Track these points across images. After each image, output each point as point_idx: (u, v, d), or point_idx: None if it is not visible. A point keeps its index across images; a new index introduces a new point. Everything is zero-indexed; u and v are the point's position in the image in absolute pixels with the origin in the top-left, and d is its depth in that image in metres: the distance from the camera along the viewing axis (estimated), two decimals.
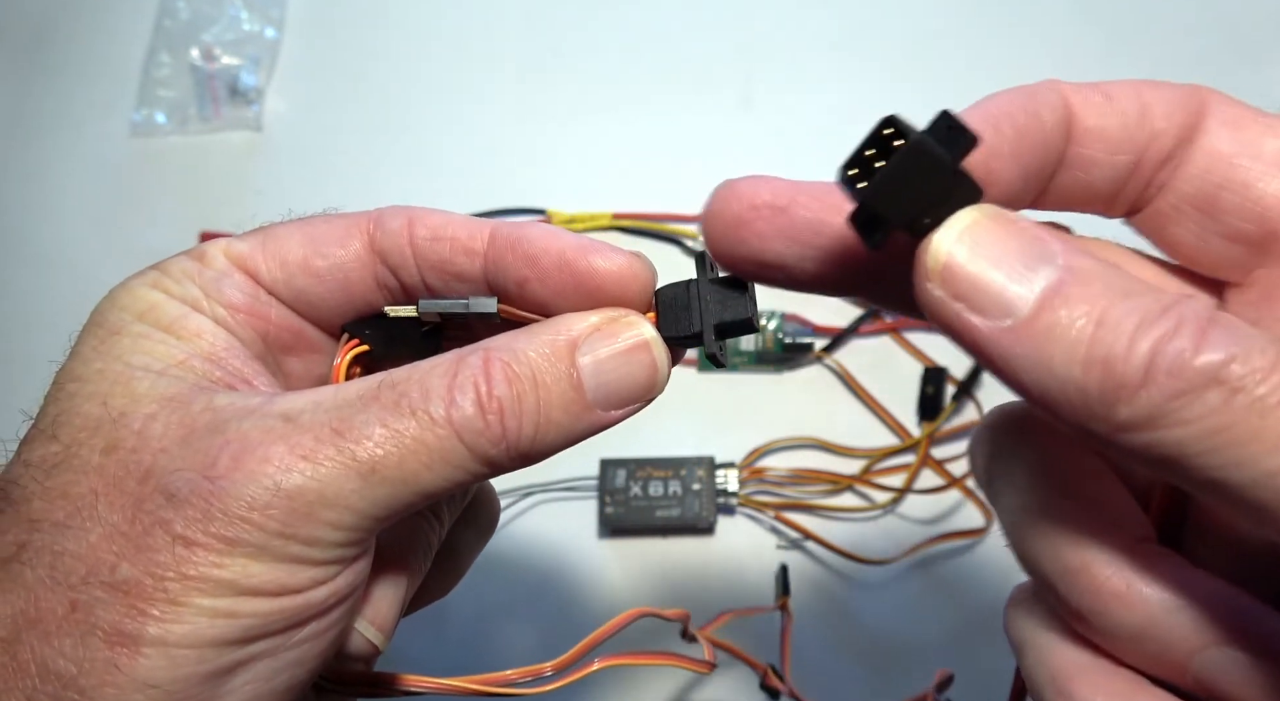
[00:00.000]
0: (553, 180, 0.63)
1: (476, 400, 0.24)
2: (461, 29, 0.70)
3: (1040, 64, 0.66)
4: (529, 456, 0.25)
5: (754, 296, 0.26)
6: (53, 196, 0.66)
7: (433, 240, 0.27)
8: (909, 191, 0.20)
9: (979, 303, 0.19)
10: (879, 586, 0.53)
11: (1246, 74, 0.65)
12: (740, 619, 0.48)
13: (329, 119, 0.67)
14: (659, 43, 0.68)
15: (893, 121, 0.20)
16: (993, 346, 0.19)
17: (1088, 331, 0.18)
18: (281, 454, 0.23)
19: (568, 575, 0.54)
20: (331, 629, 0.25)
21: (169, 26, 0.70)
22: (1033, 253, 0.19)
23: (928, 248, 0.20)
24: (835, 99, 0.66)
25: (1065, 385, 0.18)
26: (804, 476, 0.54)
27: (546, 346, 0.25)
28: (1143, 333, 0.18)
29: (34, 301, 0.63)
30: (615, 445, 0.55)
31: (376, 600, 0.27)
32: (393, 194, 0.66)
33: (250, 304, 0.27)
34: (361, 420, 0.23)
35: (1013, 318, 0.19)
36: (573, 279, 0.25)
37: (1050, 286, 0.19)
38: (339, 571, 0.24)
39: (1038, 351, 0.19)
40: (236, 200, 0.65)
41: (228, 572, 0.22)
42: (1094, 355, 0.18)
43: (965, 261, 0.19)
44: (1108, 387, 0.18)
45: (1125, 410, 0.18)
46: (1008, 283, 0.19)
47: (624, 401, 0.25)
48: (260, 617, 0.23)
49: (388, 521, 0.24)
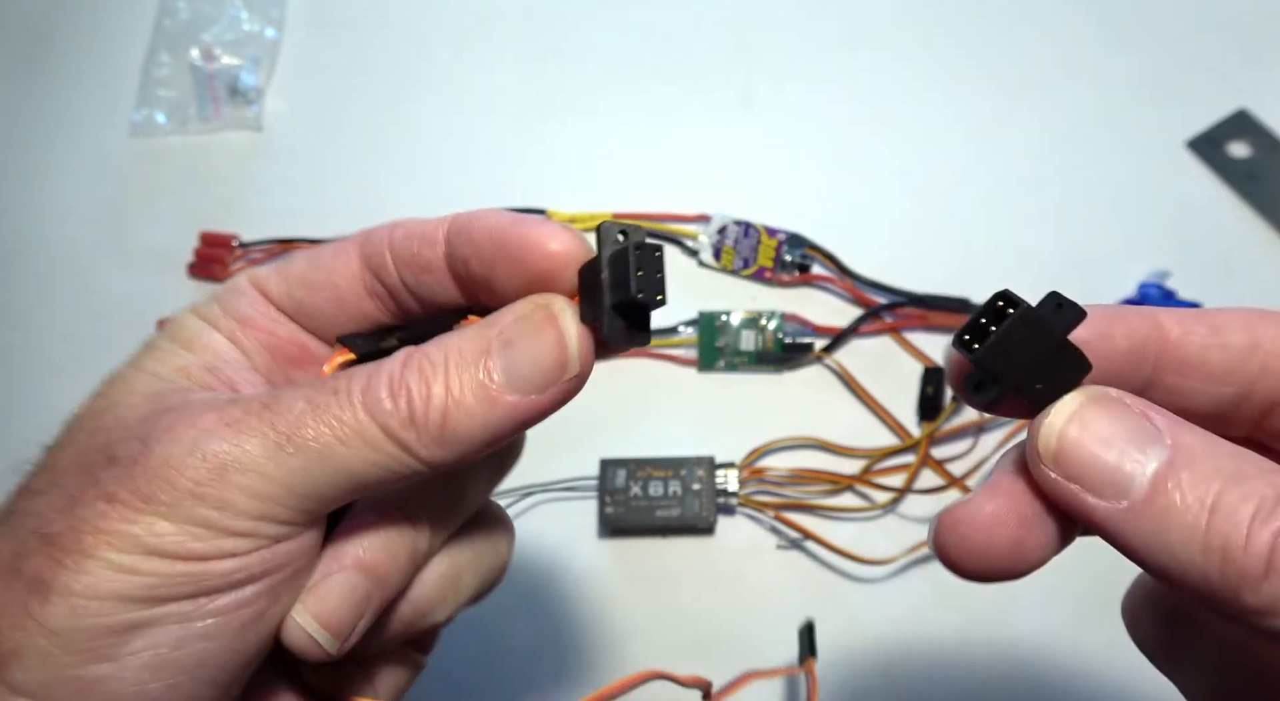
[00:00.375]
0: (553, 180, 0.63)
1: (389, 383, 0.24)
2: (462, 29, 0.70)
3: (1042, 64, 0.66)
4: (446, 443, 0.24)
5: (650, 266, 0.24)
6: (53, 196, 0.66)
7: (405, 238, 0.27)
8: (1020, 356, 0.22)
9: (1093, 484, 0.20)
10: (879, 586, 0.53)
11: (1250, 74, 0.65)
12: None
13: (329, 119, 0.67)
14: (659, 42, 0.69)
15: (1006, 295, 0.22)
16: (1110, 526, 0.20)
17: (1203, 518, 0.19)
18: (210, 420, 0.24)
19: (568, 575, 0.54)
20: (245, 608, 0.25)
21: (169, 26, 0.70)
22: (1141, 433, 0.20)
23: (1039, 431, 0.21)
24: (835, 99, 0.66)
25: (1186, 568, 0.19)
26: (804, 476, 0.54)
27: (465, 335, 0.25)
28: (1260, 524, 0.18)
29: (34, 301, 0.63)
30: (615, 445, 0.55)
31: (325, 595, 0.26)
32: (392, 194, 0.67)
33: (259, 319, 0.29)
34: (289, 396, 0.25)
35: (1128, 499, 0.20)
36: (503, 252, 0.25)
37: (1161, 468, 0.20)
38: (253, 546, 0.24)
39: (1156, 534, 0.19)
40: (236, 200, 0.65)
41: (137, 527, 0.23)
42: (1212, 543, 0.19)
43: (1075, 445, 0.20)
44: (1229, 576, 0.19)
45: (1250, 598, 0.19)
46: (1120, 464, 0.20)
47: (537, 383, 0.25)
48: (160, 578, 0.23)
49: (312, 503, 0.25)
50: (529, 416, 0.25)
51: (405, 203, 0.62)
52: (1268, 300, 0.45)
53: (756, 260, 0.60)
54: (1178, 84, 0.65)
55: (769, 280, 0.60)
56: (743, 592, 0.53)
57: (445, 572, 0.30)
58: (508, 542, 0.32)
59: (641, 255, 0.24)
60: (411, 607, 0.29)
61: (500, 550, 0.32)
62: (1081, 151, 0.63)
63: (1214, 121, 0.63)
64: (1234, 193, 0.61)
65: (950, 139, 0.64)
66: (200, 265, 0.62)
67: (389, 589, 0.28)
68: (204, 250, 0.62)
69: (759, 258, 0.60)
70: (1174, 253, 0.59)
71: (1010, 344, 0.22)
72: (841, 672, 0.51)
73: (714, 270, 0.60)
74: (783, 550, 0.54)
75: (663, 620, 0.52)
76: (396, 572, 0.28)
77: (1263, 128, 0.62)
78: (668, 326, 0.58)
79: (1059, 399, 0.21)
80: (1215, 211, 0.61)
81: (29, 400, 0.59)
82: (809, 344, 0.57)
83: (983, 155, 0.63)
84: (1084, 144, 0.63)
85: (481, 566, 0.31)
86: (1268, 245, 0.60)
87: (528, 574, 0.54)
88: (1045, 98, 0.65)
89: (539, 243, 0.25)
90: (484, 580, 0.31)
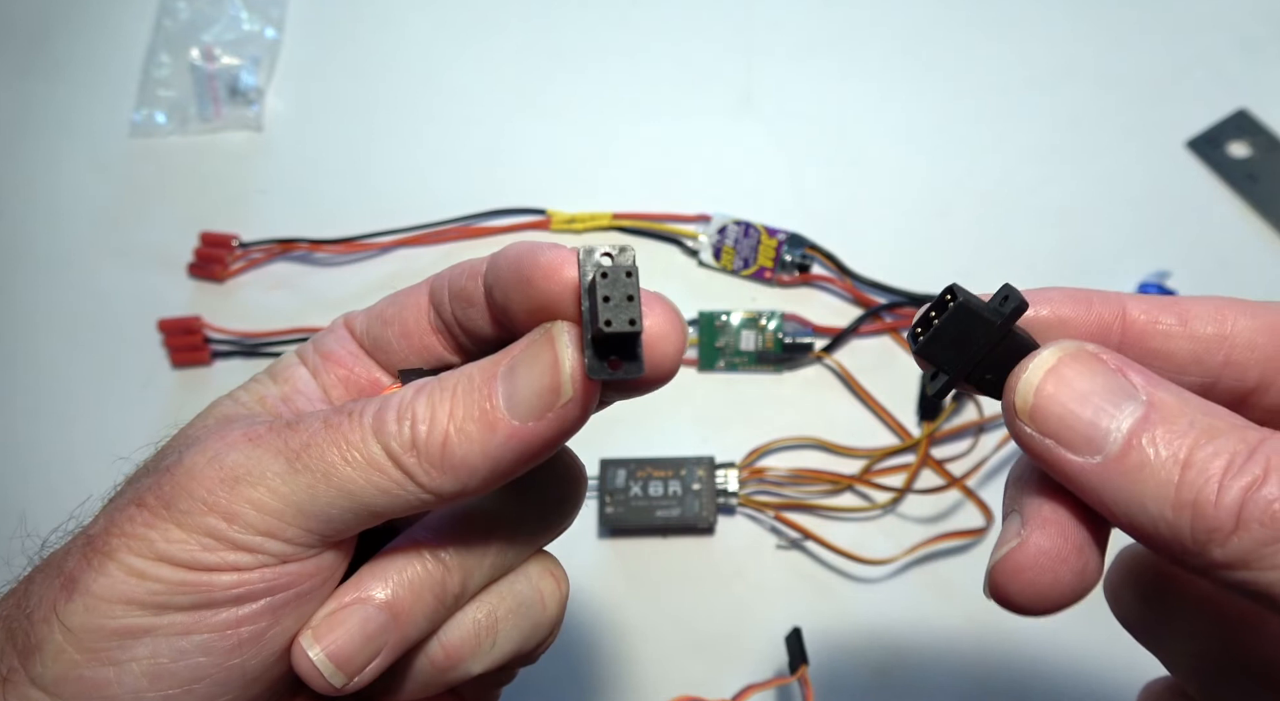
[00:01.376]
0: (553, 180, 0.63)
1: (398, 406, 0.24)
2: (461, 29, 0.70)
3: (1042, 64, 0.66)
4: (446, 469, 0.24)
5: (618, 291, 0.22)
6: (53, 196, 0.66)
7: (460, 273, 0.27)
8: (964, 347, 0.22)
9: (1068, 440, 0.20)
10: (879, 586, 0.53)
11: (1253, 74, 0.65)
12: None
13: (329, 119, 0.67)
14: (659, 43, 0.69)
15: (952, 289, 0.22)
16: (1084, 482, 0.20)
17: (1175, 474, 0.19)
18: (236, 435, 0.25)
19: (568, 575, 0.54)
20: (243, 626, 0.24)
21: (169, 26, 0.70)
22: (1117, 389, 0.20)
23: (1015, 386, 0.21)
24: (835, 99, 0.66)
25: (1157, 522, 0.19)
26: (804, 476, 0.54)
27: (481, 363, 0.25)
28: (1231, 478, 0.19)
29: (34, 301, 0.63)
30: (615, 445, 0.55)
31: (334, 623, 0.25)
32: (392, 194, 0.67)
33: (342, 355, 0.29)
34: (311, 416, 0.25)
35: (1102, 455, 0.20)
36: (516, 277, 0.25)
37: (1136, 424, 0.20)
38: (256, 563, 0.24)
39: (1128, 489, 0.20)
40: (237, 200, 0.65)
41: (155, 532, 0.24)
42: (1183, 498, 0.19)
43: (1051, 400, 0.21)
44: (1199, 530, 0.19)
45: (1218, 551, 0.19)
46: (1095, 420, 0.20)
47: (534, 408, 0.24)
48: (165, 585, 0.23)
49: (319, 524, 0.24)
50: (529, 446, 0.24)
51: (405, 203, 0.62)
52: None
53: (756, 260, 0.60)
54: (1178, 84, 0.65)
55: (769, 280, 0.60)
56: (743, 592, 0.53)
57: (482, 619, 0.28)
58: (557, 598, 0.30)
59: (609, 281, 0.22)
60: (442, 651, 0.28)
61: (548, 604, 0.30)
62: (1081, 151, 0.63)
63: (1214, 121, 0.63)
64: (1234, 193, 0.61)
65: (950, 139, 0.64)
66: (200, 265, 0.62)
67: (410, 629, 0.26)
68: (204, 250, 0.62)
69: (759, 258, 0.60)
70: (1174, 253, 0.59)
71: (949, 336, 0.22)
72: (841, 672, 0.51)
73: (714, 270, 0.60)
74: (783, 550, 0.54)
75: (663, 620, 0.52)
76: (420, 612, 0.26)
77: (1263, 128, 0.62)
78: None
79: (1032, 354, 0.22)
80: (1215, 211, 0.61)
81: (29, 400, 0.59)
82: (809, 344, 0.57)
83: (982, 155, 0.63)
84: (1084, 144, 0.63)
85: (524, 619, 0.29)
86: (1267, 245, 0.60)
87: None
88: (1045, 98, 0.65)
89: (548, 268, 0.24)
90: (527, 634, 0.29)
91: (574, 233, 0.62)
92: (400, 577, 0.26)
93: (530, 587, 0.29)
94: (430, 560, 0.27)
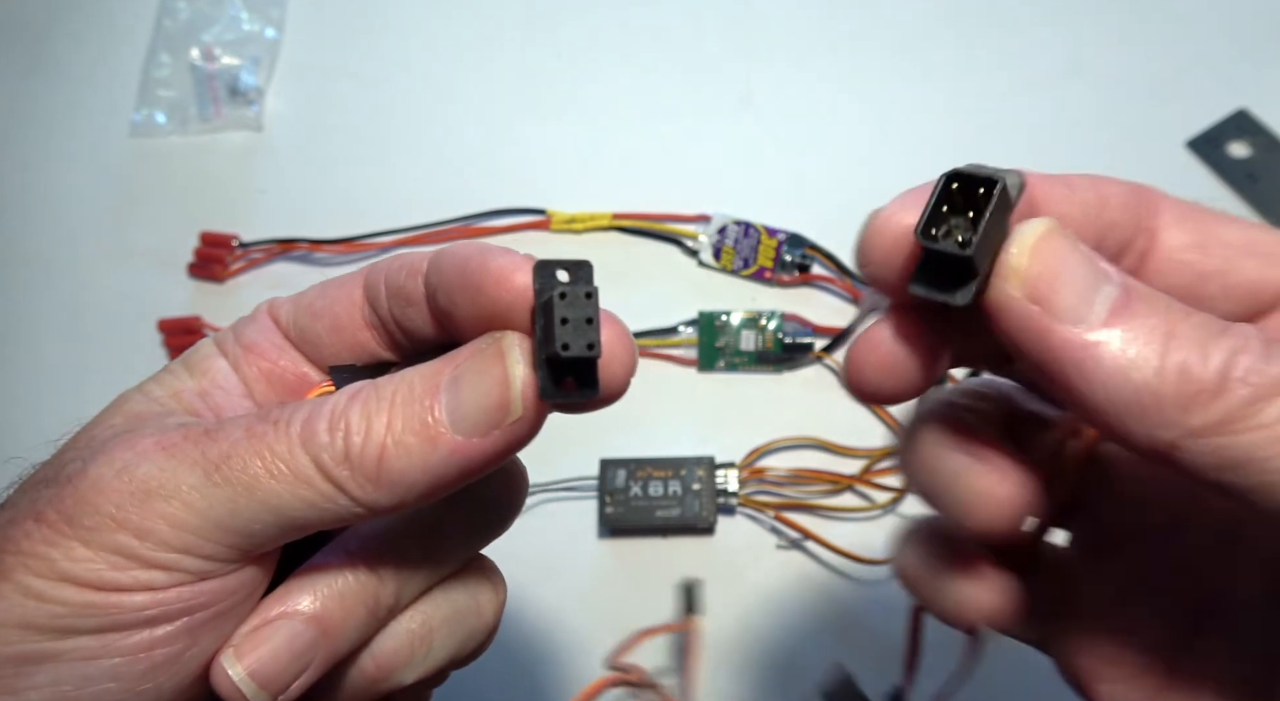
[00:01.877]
0: (553, 180, 0.63)
1: (330, 416, 0.23)
2: (461, 29, 0.70)
3: (1042, 64, 0.66)
4: (382, 484, 0.23)
5: (578, 312, 0.21)
6: (53, 196, 0.66)
7: (398, 269, 0.26)
8: (991, 239, 0.21)
9: (1056, 306, 0.20)
10: (879, 586, 0.53)
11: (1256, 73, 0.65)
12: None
13: (329, 119, 0.67)
14: (659, 42, 0.69)
15: (957, 175, 0.21)
16: (1068, 351, 0.20)
17: (1159, 341, 0.19)
18: (148, 443, 0.23)
19: (568, 575, 0.54)
20: (157, 648, 0.23)
21: (169, 26, 0.70)
22: (1096, 267, 0.21)
23: (1011, 247, 0.21)
24: (836, 99, 0.66)
25: (1140, 391, 0.19)
26: (804, 476, 0.54)
27: (421, 370, 0.23)
28: (1214, 344, 0.19)
29: (34, 301, 0.63)
30: (615, 445, 0.55)
31: (258, 641, 0.24)
32: (392, 194, 0.67)
33: (265, 347, 0.27)
34: (232, 423, 0.23)
35: (1086, 324, 0.20)
36: (463, 281, 0.23)
37: (1119, 297, 0.20)
38: (172, 581, 0.22)
39: (1113, 357, 0.20)
40: (236, 200, 0.65)
41: (56, 551, 0.22)
42: (1168, 363, 0.19)
43: (1044, 263, 0.20)
44: (1184, 392, 0.19)
45: (1200, 415, 0.19)
46: (1084, 287, 0.20)
47: (480, 423, 0.23)
48: (68, 608, 0.22)
49: (240, 539, 0.23)
50: (472, 462, 0.23)
51: (405, 203, 0.62)
52: None
53: (756, 260, 0.60)
54: (1178, 84, 0.65)
55: (769, 280, 0.60)
56: (743, 592, 0.53)
57: (416, 629, 0.27)
58: (494, 604, 0.29)
59: (567, 302, 0.21)
60: (375, 665, 0.27)
61: (484, 612, 0.29)
62: (1082, 151, 0.63)
63: (1214, 121, 0.63)
64: (1234, 193, 0.61)
65: (950, 139, 0.64)
66: (200, 265, 0.62)
67: (339, 643, 0.25)
68: (204, 250, 0.62)
69: (759, 258, 0.60)
70: None
71: (990, 226, 0.21)
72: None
73: (714, 270, 0.60)
74: (783, 550, 0.54)
75: (662, 620, 0.52)
76: (350, 626, 0.25)
77: (1263, 128, 0.62)
78: (668, 326, 0.58)
79: (1024, 223, 0.21)
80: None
81: (29, 400, 0.59)
82: (809, 344, 0.57)
83: (983, 155, 0.63)
84: (1084, 144, 0.63)
85: (460, 627, 0.28)
86: None
87: (528, 574, 0.54)
88: (1045, 98, 0.65)
89: (499, 275, 0.23)
90: (462, 642, 0.28)
91: (574, 233, 0.61)
92: (330, 590, 0.25)
93: (467, 595, 0.28)
94: (363, 571, 0.25)
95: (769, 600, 0.53)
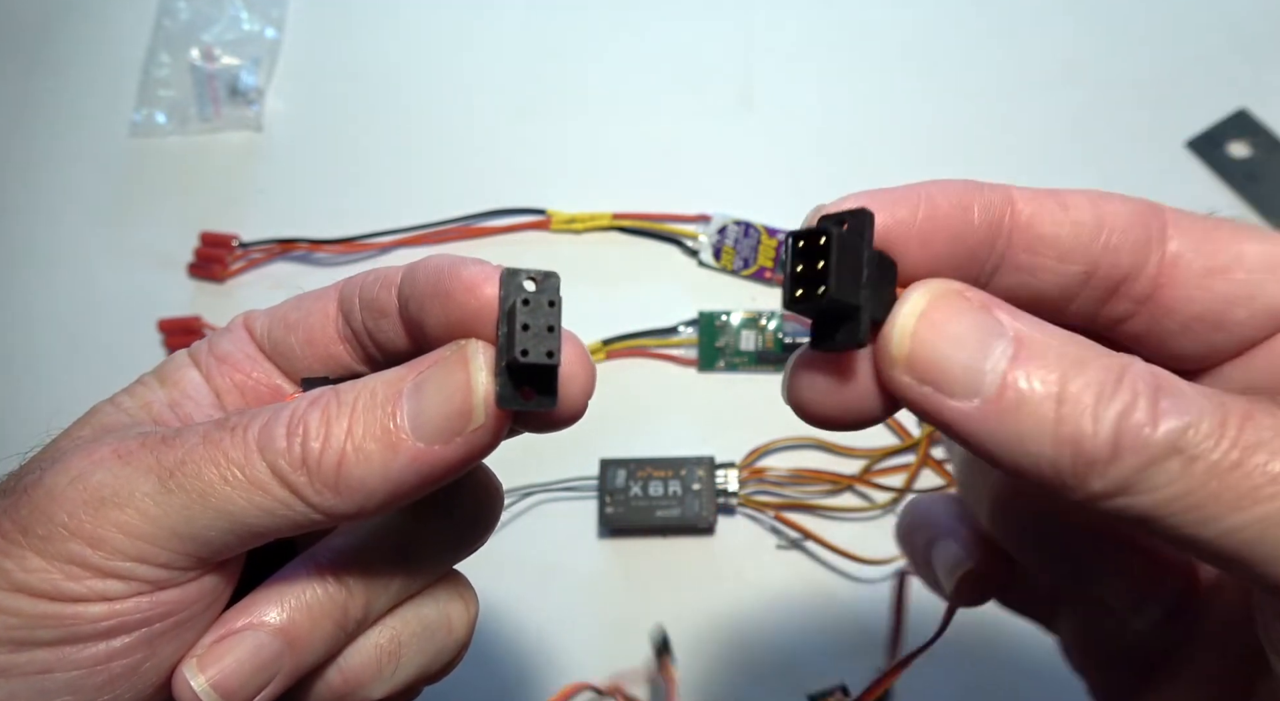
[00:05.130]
0: (553, 180, 0.63)
1: (289, 421, 0.22)
2: (461, 29, 0.70)
3: (1042, 64, 0.66)
4: (341, 490, 0.22)
5: (540, 320, 0.22)
6: (53, 196, 0.66)
7: (373, 281, 0.26)
8: (856, 277, 0.20)
9: (945, 385, 0.20)
10: (879, 586, 0.53)
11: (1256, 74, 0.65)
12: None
13: (329, 119, 0.67)
14: (659, 42, 0.69)
15: (799, 234, 0.21)
16: (963, 426, 0.20)
17: (1051, 409, 0.19)
18: (105, 451, 0.23)
19: (568, 575, 0.54)
20: (115, 660, 0.22)
21: (169, 26, 0.70)
22: (987, 328, 0.20)
23: (891, 335, 0.20)
24: (835, 99, 0.66)
25: (1038, 461, 0.19)
26: (804, 476, 0.54)
27: (384, 376, 0.23)
28: (1103, 407, 0.19)
29: (34, 301, 0.63)
30: (615, 445, 0.55)
31: (222, 652, 0.24)
32: (392, 194, 0.67)
33: (238, 358, 0.27)
34: (190, 430, 0.23)
35: (979, 397, 0.20)
36: (434, 290, 0.23)
37: (1009, 363, 0.20)
38: (129, 591, 0.22)
39: (1007, 430, 0.19)
40: (236, 200, 0.65)
41: (10, 561, 0.21)
42: (1062, 434, 0.19)
43: (927, 345, 0.20)
44: (1079, 463, 0.19)
45: (1098, 482, 0.19)
46: (971, 362, 0.20)
47: (441, 430, 0.22)
48: (22, 619, 0.21)
49: (197, 547, 0.22)
50: (433, 469, 0.22)
51: (405, 203, 0.62)
52: None
53: (756, 260, 0.60)
54: (1178, 84, 0.65)
55: (769, 280, 0.60)
56: (743, 592, 0.53)
57: (384, 644, 0.26)
58: (465, 619, 0.28)
59: (529, 308, 0.21)
60: (342, 679, 0.26)
61: (455, 627, 0.28)
62: (1082, 151, 0.63)
63: (1214, 121, 0.63)
64: (1234, 193, 0.61)
65: (950, 139, 0.64)
66: (200, 265, 0.62)
67: (305, 656, 0.25)
68: (204, 250, 0.62)
69: (759, 258, 0.60)
70: None
71: (844, 268, 0.20)
72: (841, 672, 0.51)
73: (714, 270, 0.60)
74: (783, 550, 0.54)
75: (662, 620, 0.52)
76: (318, 638, 0.25)
77: (1263, 128, 0.62)
78: (668, 326, 0.58)
79: (900, 300, 0.21)
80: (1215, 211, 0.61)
81: (29, 400, 0.59)
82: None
83: (983, 155, 0.63)
84: (1084, 144, 0.63)
85: (429, 642, 0.27)
86: None
87: (528, 574, 0.54)
88: (1045, 98, 0.65)
89: (469, 283, 0.22)
90: (431, 658, 0.28)
91: (574, 232, 0.61)
92: (297, 602, 0.24)
93: (438, 611, 0.28)
94: (332, 583, 0.25)
95: (769, 600, 0.53)
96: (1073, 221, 0.22)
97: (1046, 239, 0.22)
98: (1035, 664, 0.51)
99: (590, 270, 0.60)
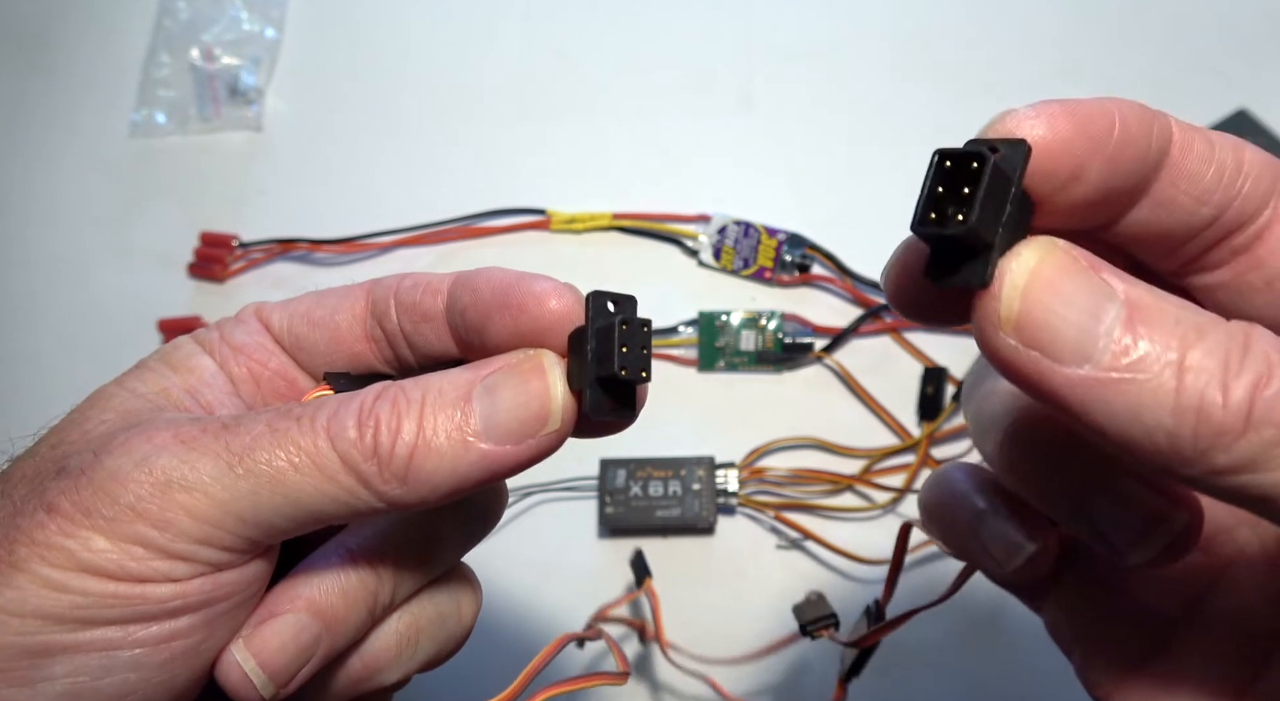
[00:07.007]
0: (553, 180, 0.63)
1: (358, 412, 0.23)
2: (461, 29, 0.70)
3: (1042, 64, 0.66)
4: (409, 482, 0.23)
5: (636, 341, 0.23)
6: (53, 196, 0.66)
7: (412, 286, 0.27)
8: (999, 213, 0.19)
9: (1055, 349, 0.19)
10: (879, 586, 0.53)
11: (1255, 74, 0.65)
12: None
13: (329, 119, 0.67)
14: (659, 42, 0.69)
15: (946, 153, 0.20)
16: (1071, 394, 0.19)
17: (1172, 378, 0.18)
18: (165, 436, 0.23)
19: (568, 575, 0.54)
20: (177, 639, 0.23)
21: (169, 26, 0.70)
22: (1097, 289, 0.19)
23: (1000, 292, 0.19)
24: (835, 99, 0.66)
25: (1154, 432, 0.18)
26: (804, 476, 0.54)
27: (448, 377, 0.24)
28: (1234, 378, 0.18)
29: (34, 301, 0.63)
30: (615, 445, 0.55)
31: (269, 634, 0.25)
32: (392, 194, 0.67)
33: (253, 349, 0.28)
34: (251, 418, 0.24)
35: (1090, 363, 0.18)
36: (503, 301, 0.25)
37: (1122, 328, 0.18)
38: (192, 572, 0.23)
39: (1121, 398, 0.18)
40: (236, 200, 0.65)
41: (73, 542, 0.22)
42: (1185, 403, 0.18)
43: (1037, 306, 0.19)
44: (1203, 435, 0.18)
45: (1222, 457, 0.18)
46: (1083, 324, 0.19)
47: (515, 432, 0.24)
48: (90, 598, 0.22)
49: (259, 531, 0.23)
50: (502, 467, 0.24)
51: (404, 203, 0.62)
52: None
53: (756, 260, 0.60)
54: (1178, 84, 0.65)
55: (769, 280, 0.60)
56: (743, 592, 0.53)
57: (404, 630, 0.28)
58: (473, 608, 0.30)
59: (628, 331, 0.23)
60: (362, 664, 0.27)
61: (464, 614, 0.30)
62: None
63: (1214, 121, 0.63)
64: None
65: (950, 139, 0.64)
66: (200, 265, 0.62)
67: (340, 638, 0.26)
68: (204, 250, 0.62)
69: (759, 258, 0.60)
70: None
71: (990, 200, 0.19)
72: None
73: (714, 270, 0.60)
74: (783, 550, 0.54)
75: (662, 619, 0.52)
76: (352, 622, 0.26)
77: (1263, 128, 0.62)
78: (668, 326, 0.58)
79: (1006, 255, 0.19)
80: None
81: (29, 400, 0.59)
82: (809, 344, 0.57)
83: None
84: None
85: (442, 629, 0.29)
86: None
87: (528, 573, 0.54)
88: (1045, 98, 0.65)
89: (540, 297, 0.24)
90: (442, 644, 0.29)
91: (574, 232, 0.62)
92: (334, 586, 0.26)
93: (450, 598, 0.29)
94: (365, 570, 0.26)
95: (769, 600, 0.53)
96: (1218, 160, 0.21)
97: (1191, 175, 0.21)
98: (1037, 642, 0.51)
99: (590, 270, 0.60)
